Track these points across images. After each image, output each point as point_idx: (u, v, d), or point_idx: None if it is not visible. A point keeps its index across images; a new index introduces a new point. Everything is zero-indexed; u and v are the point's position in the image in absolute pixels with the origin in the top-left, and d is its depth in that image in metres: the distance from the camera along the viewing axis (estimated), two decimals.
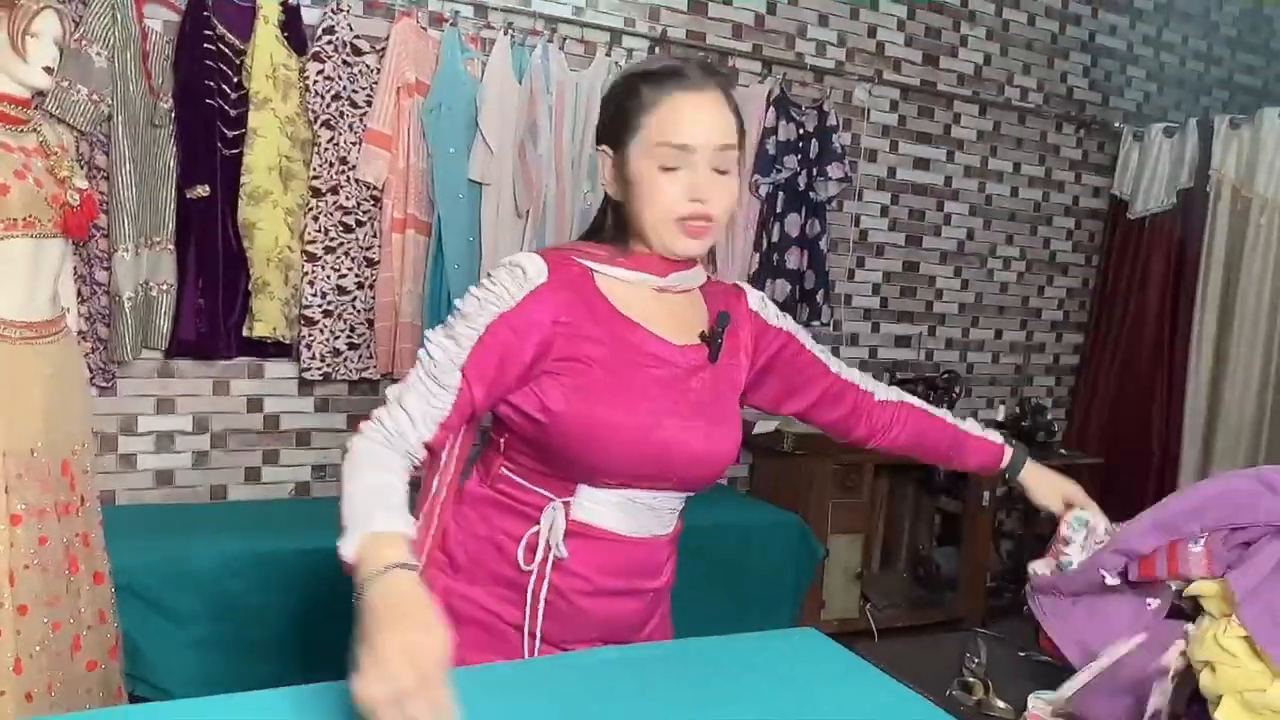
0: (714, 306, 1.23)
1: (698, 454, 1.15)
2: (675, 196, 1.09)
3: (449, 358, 1.06)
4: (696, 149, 1.09)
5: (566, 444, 1.09)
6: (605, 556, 1.14)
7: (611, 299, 1.13)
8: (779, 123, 3.52)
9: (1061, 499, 1.41)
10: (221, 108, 2.72)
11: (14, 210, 1.94)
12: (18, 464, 1.97)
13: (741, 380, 1.25)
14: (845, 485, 3.45)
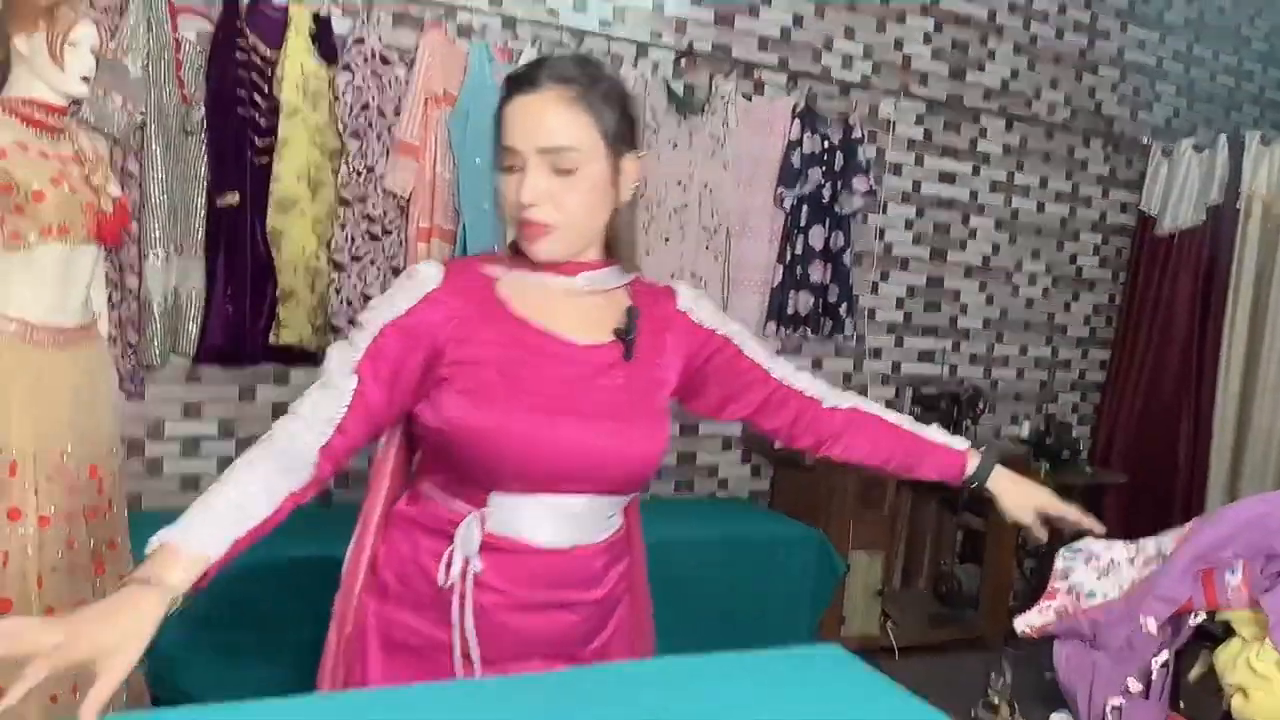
0: (641, 307, 1.19)
1: (606, 455, 1.10)
2: (510, 199, 1.09)
3: (345, 363, 1.05)
4: (519, 150, 1.07)
5: (465, 450, 1.07)
6: (525, 569, 1.10)
7: (511, 303, 1.12)
8: (804, 135, 3.51)
9: (1033, 510, 1.33)
10: (252, 116, 2.75)
11: (49, 216, 1.97)
12: (47, 467, 1.99)
13: (667, 379, 1.21)
14: (867, 500, 3.43)
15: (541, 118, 1.07)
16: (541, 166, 1.07)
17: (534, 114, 1.07)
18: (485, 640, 1.10)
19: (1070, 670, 1.38)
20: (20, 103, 2.00)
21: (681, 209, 3.40)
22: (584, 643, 1.17)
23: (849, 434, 1.33)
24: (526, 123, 1.07)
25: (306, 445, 1.02)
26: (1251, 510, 1.34)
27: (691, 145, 3.38)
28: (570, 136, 1.07)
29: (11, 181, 1.92)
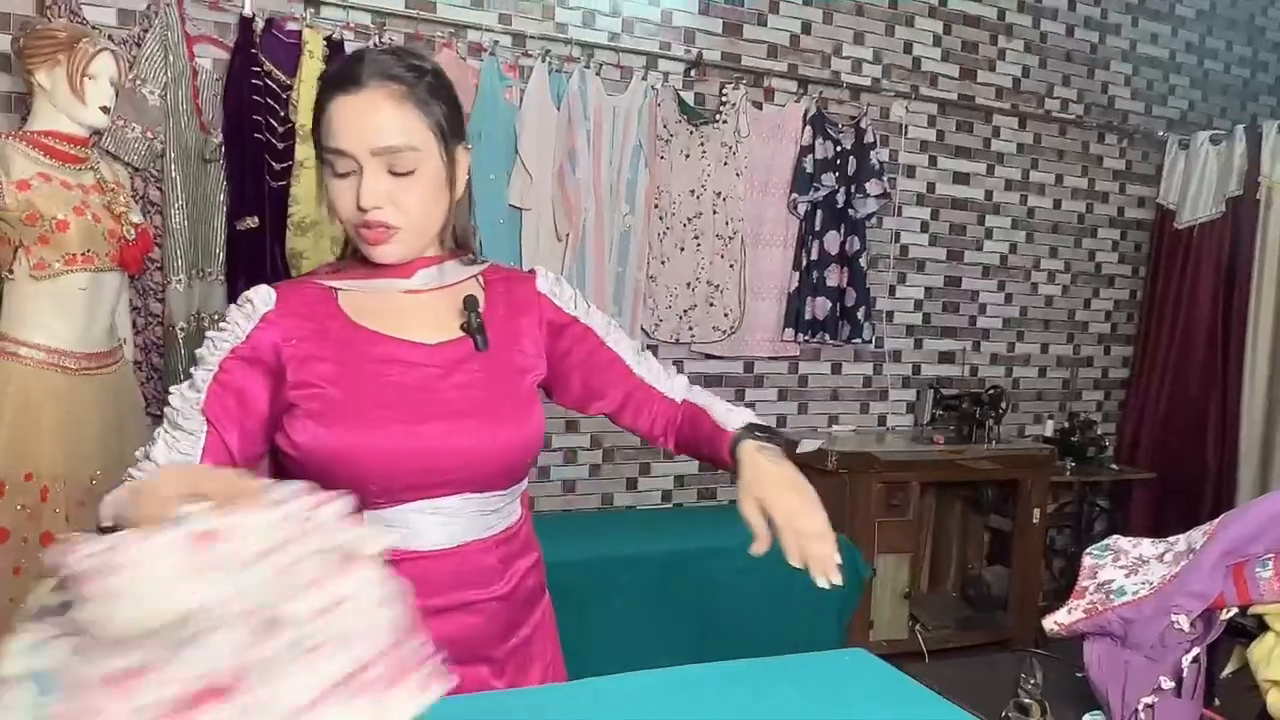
0: (496, 294, 1.15)
1: (474, 452, 1.06)
2: (347, 204, 1.04)
3: (188, 403, 1.01)
4: (351, 153, 1.01)
5: (322, 475, 0.99)
6: (414, 576, 1.01)
7: (352, 314, 1.07)
8: (816, 141, 3.51)
9: (754, 500, 1.08)
10: (269, 141, 2.78)
11: (73, 245, 2.01)
12: (78, 491, 2.02)
13: (531, 365, 1.15)
14: (891, 504, 3.41)
15: (372, 118, 1.01)
16: (378, 168, 1.02)
17: (362, 114, 1.01)
18: None
19: (1101, 669, 1.36)
20: (42, 135, 2.04)
21: (696, 218, 3.40)
22: (497, 642, 1.13)
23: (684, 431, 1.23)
24: (355, 123, 1.01)
25: None
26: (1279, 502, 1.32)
27: (704, 154, 3.39)
28: (404, 136, 1.03)
29: (36, 212, 1.96)
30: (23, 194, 1.96)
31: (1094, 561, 1.47)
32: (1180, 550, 1.41)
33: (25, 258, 1.99)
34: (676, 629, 2.88)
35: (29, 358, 1.99)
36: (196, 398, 1.01)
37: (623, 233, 3.28)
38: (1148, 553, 1.42)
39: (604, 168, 3.23)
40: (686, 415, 1.23)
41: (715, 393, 1.28)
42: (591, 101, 3.17)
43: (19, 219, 1.95)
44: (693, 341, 3.49)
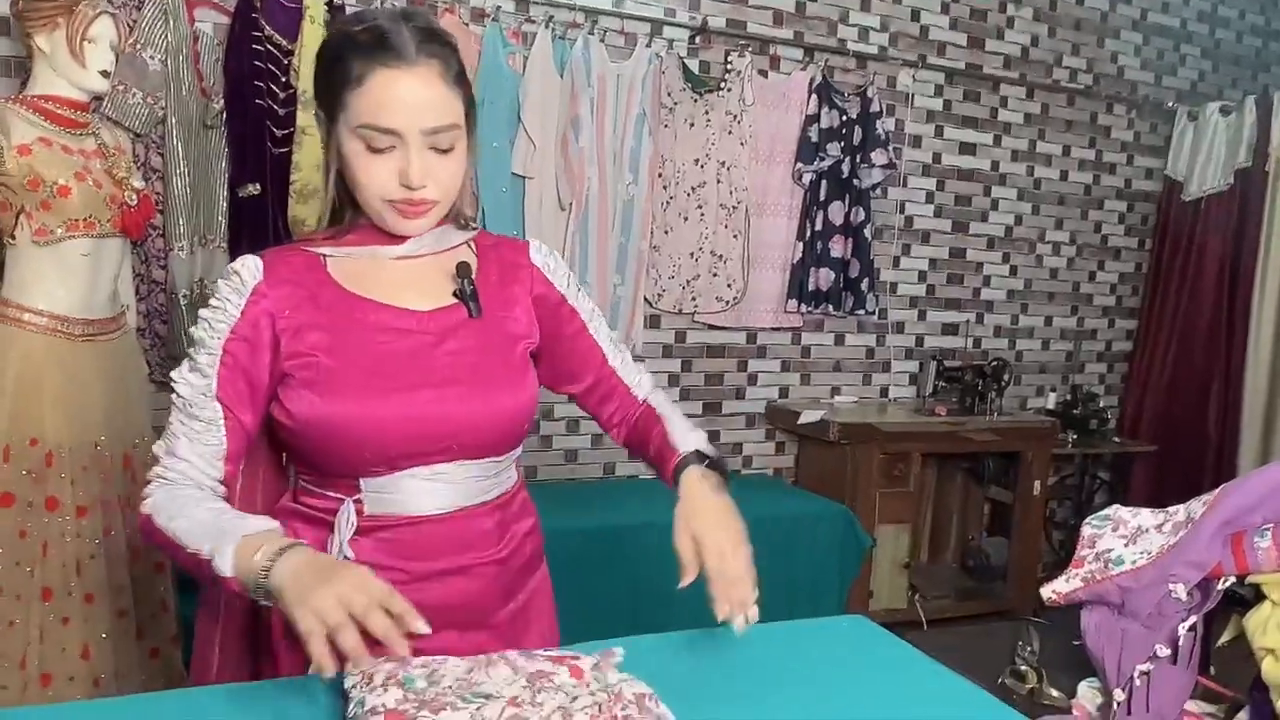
0: (489, 261, 1.14)
1: (468, 420, 1.05)
2: (384, 180, 1.01)
3: (199, 391, 1.01)
4: (404, 133, 0.99)
5: (321, 444, 1.03)
6: (410, 543, 1.06)
7: (343, 281, 1.06)
8: (821, 110, 3.48)
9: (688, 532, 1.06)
10: (271, 107, 2.76)
11: (75, 211, 2.00)
12: (82, 458, 2.03)
13: (521, 331, 1.14)
14: (892, 475, 3.42)
15: (425, 97, 0.99)
16: (422, 146, 1.00)
17: (415, 92, 0.99)
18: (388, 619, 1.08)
19: (1098, 637, 1.37)
20: (42, 99, 2.03)
21: (700, 187, 3.38)
22: (495, 608, 1.13)
23: (634, 436, 1.23)
24: (407, 102, 0.99)
25: (208, 483, 1.02)
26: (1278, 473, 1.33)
27: (708, 123, 3.36)
28: (451, 115, 1.02)
29: (37, 177, 1.95)
30: (24, 158, 1.95)
31: (1093, 531, 1.48)
32: (1179, 520, 1.41)
33: (27, 223, 1.98)
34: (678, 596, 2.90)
35: (32, 323, 1.99)
36: (207, 384, 1.01)
37: (626, 202, 3.27)
38: (1147, 522, 1.43)
39: (607, 136, 3.21)
40: (643, 417, 1.23)
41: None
42: (595, 69, 3.14)
43: (20, 183, 1.95)
44: (696, 312, 3.49)
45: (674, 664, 1.08)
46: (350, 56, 0.99)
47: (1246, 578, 1.29)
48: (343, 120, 1.01)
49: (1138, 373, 4.38)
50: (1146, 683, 1.28)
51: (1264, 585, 1.26)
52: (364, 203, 1.05)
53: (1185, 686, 1.31)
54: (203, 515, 0.95)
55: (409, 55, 0.98)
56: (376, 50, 0.98)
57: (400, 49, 0.98)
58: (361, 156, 1.01)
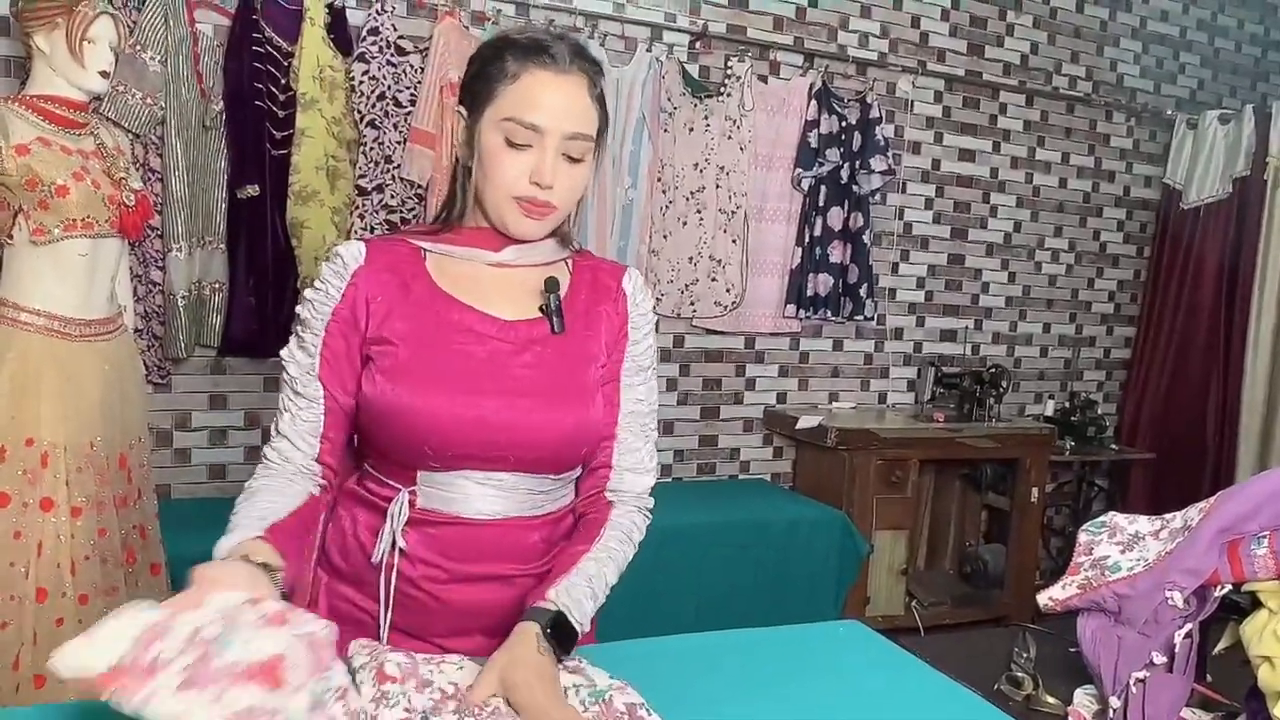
0: (581, 280, 1.16)
1: (529, 431, 1.06)
2: (516, 175, 1.05)
3: (304, 370, 1.07)
4: (546, 131, 1.04)
5: (385, 430, 1.05)
6: (456, 542, 1.08)
7: (438, 278, 1.09)
8: (821, 115, 3.49)
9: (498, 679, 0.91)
10: (270, 109, 2.77)
11: (73, 211, 2.00)
12: (77, 458, 2.03)
13: (598, 354, 1.13)
14: (890, 481, 3.42)
15: (574, 102, 1.05)
16: (558, 149, 1.05)
17: (567, 96, 1.05)
18: (420, 614, 1.09)
19: (1094, 644, 1.37)
20: (41, 99, 2.03)
21: (699, 192, 3.39)
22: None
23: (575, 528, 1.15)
24: (559, 104, 1.04)
25: (302, 461, 1.07)
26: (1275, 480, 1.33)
27: (708, 128, 3.37)
28: (590, 126, 1.07)
29: (35, 177, 1.95)
30: (22, 158, 1.95)
31: (1089, 538, 1.48)
32: (1176, 527, 1.41)
33: (25, 223, 1.98)
34: (676, 601, 2.90)
35: (29, 323, 1.99)
36: (311, 363, 1.06)
37: (625, 206, 3.27)
38: (1144, 529, 1.42)
39: (607, 140, 3.21)
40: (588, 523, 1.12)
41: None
42: None
43: (18, 183, 1.94)
44: (694, 316, 3.49)
45: (670, 669, 1.08)
46: (509, 56, 1.05)
47: (1243, 585, 1.29)
48: (489, 112, 1.05)
49: (1136, 380, 4.38)
50: (1142, 690, 1.27)
51: (1260, 593, 1.25)
52: (489, 197, 1.08)
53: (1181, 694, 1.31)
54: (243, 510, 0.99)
55: (563, 63, 1.05)
56: (535, 52, 1.05)
57: (556, 56, 1.05)
58: (500, 150, 1.05)
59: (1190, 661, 1.31)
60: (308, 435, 1.06)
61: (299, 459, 1.06)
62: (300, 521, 1.00)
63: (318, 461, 1.07)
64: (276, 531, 0.95)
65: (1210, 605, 1.30)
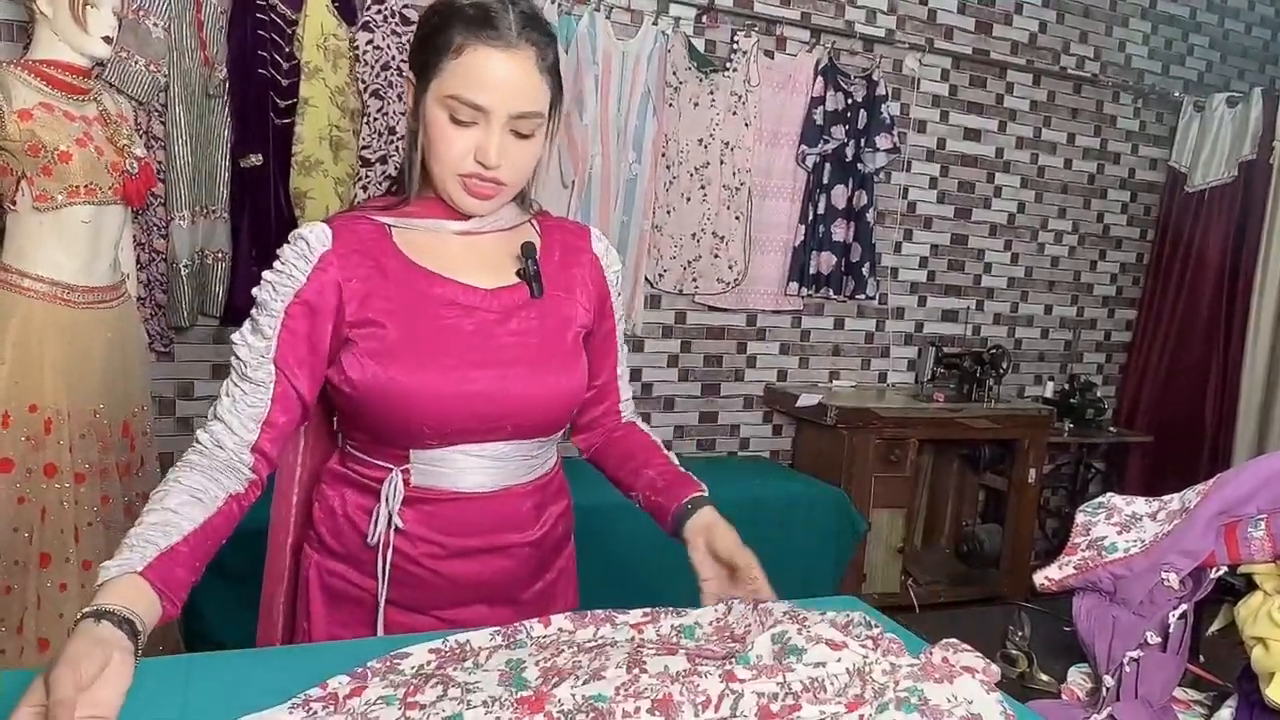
0: (551, 242, 1.15)
1: (522, 401, 1.07)
2: (461, 152, 1.01)
3: (257, 354, 1.01)
4: (491, 111, 0.99)
5: (377, 412, 1.03)
6: (453, 517, 1.08)
7: (408, 252, 1.06)
8: (827, 92, 3.46)
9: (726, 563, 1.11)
10: (274, 78, 2.74)
11: (75, 177, 1.99)
12: (80, 424, 2.03)
13: (577, 315, 1.14)
14: (889, 460, 3.42)
15: (520, 82, 1.00)
16: (505, 127, 1.01)
17: (513, 75, 0.99)
18: (420, 589, 1.10)
19: (1089, 623, 1.38)
20: (44, 64, 2.01)
21: (703, 168, 3.37)
22: (525, 586, 1.15)
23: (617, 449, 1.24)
24: (503, 83, 0.99)
25: (235, 446, 0.99)
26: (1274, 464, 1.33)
27: (713, 103, 3.34)
28: (539, 103, 1.02)
29: (38, 143, 1.94)
30: (25, 124, 1.94)
31: (1087, 519, 1.48)
32: (1174, 509, 1.42)
33: (28, 189, 1.97)
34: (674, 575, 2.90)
35: (32, 289, 1.99)
36: (267, 346, 1.01)
37: (629, 180, 3.25)
38: (1141, 510, 1.43)
39: (611, 114, 3.19)
40: (632, 438, 1.24)
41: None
42: (600, 45, 3.12)
43: (21, 149, 1.93)
44: (696, 293, 3.48)
45: None
46: (454, 26, 0.99)
47: (1239, 567, 1.30)
48: (434, 86, 1.01)
49: (1135, 363, 4.38)
50: (1136, 669, 1.29)
51: (1256, 575, 1.26)
52: (435, 173, 1.05)
53: (1174, 673, 1.32)
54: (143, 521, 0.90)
55: (510, 37, 0.99)
56: (480, 26, 0.99)
57: (503, 29, 0.98)
58: (444, 126, 1.01)
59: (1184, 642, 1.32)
60: (248, 421, 1.00)
61: (232, 444, 0.99)
62: (204, 536, 0.92)
63: (252, 450, 1.00)
64: (164, 562, 0.85)
65: (1205, 587, 1.31)
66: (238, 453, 0.99)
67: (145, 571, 0.84)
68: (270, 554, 1.20)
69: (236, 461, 0.99)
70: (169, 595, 0.85)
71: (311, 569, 1.13)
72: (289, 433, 1.05)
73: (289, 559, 1.18)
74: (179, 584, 0.87)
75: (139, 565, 0.84)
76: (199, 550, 0.90)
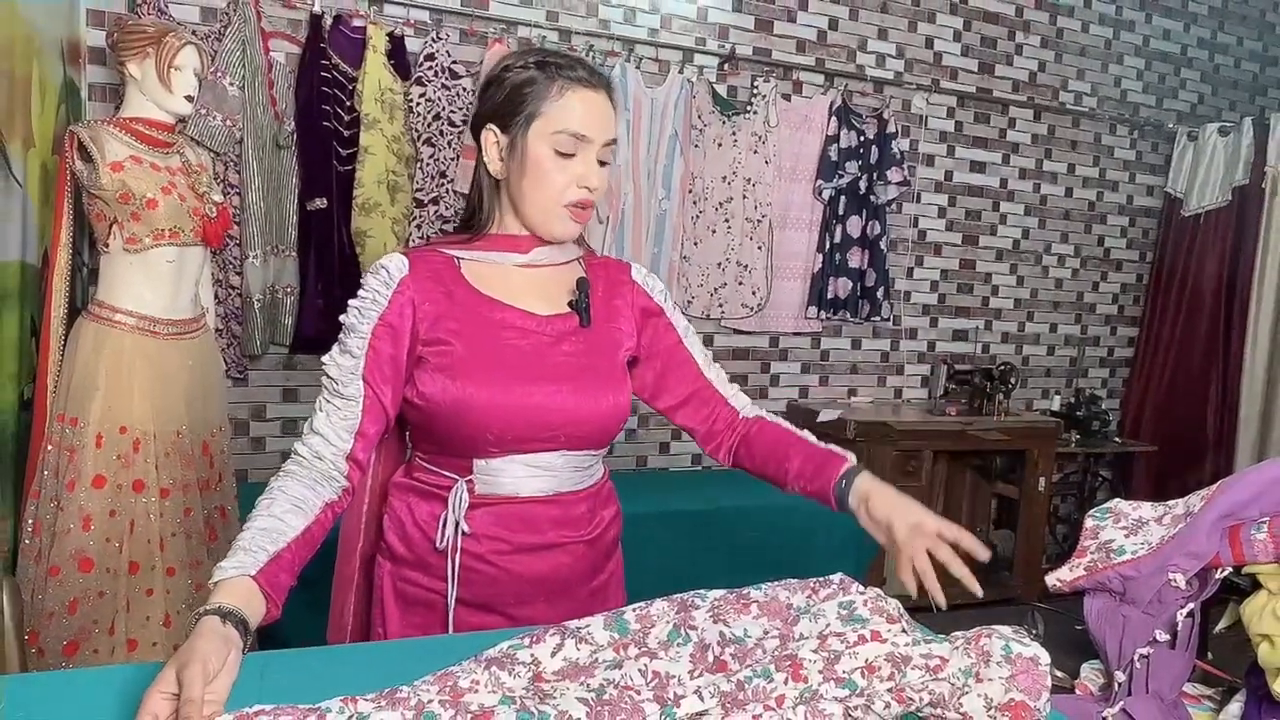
0: (597, 277, 1.19)
1: (572, 415, 1.09)
2: (566, 182, 1.08)
3: (346, 372, 1.04)
4: (593, 140, 1.08)
5: (445, 423, 1.07)
6: (515, 519, 1.11)
7: (474, 282, 1.11)
8: (841, 131, 3.46)
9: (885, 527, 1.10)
10: (336, 129, 2.80)
11: (161, 222, 2.04)
12: (165, 444, 2.07)
13: (623, 340, 1.18)
14: (906, 470, 3.38)
15: (609, 116, 1.10)
16: (596, 157, 1.09)
17: (605, 111, 1.10)
18: (489, 587, 1.11)
19: (1100, 622, 1.35)
20: (133, 121, 2.07)
21: (727, 202, 3.38)
22: (582, 583, 1.17)
23: (757, 445, 1.22)
24: (600, 117, 1.09)
25: (333, 456, 1.02)
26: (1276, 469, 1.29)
27: (735, 143, 3.35)
28: (616, 132, 1.12)
29: (128, 191, 2.00)
30: (116, 174, 1.99)
31: (1095, 523, 1.45)
32: (1179, 514, 1.38)
33: (119, 233, 2.02)
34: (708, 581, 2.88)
35: (122, 323, 2.04)
36: (355, 364, 1.04)
37: (659, 215, 3.27)
38: (1147, 515, 1.40)
39: (642, 155, 3.21)
40: (766, 432, 1.22)
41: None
42: (632, 92, 3.15)
43: (113, 197, 1.99)
44: (722, 318, 3.48)
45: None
46: (541, 76, 1.08)
47: (1243, 568, 1.26)
48: (537, 126, 1.07)
49: (1138, 377, 4.30)
50: (1146, 665, 1.25)
51: (1260, 575, 1.23)
52: (537, 204, 1.09)
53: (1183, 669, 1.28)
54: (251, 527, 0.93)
55: (595, 80, 1.10)
56: (573, 71, 1.09)
57: (595, 76, 1.10)
58: (549, 159, 1.08)
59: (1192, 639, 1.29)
60: (342, 432, 1.03)
61: (330, 454, 1.02)
62: (304, 544, 0.94)
63: (348, 459, 1.03)
64: (272, 567, 0.88)
65: (1211, 587, 1.28)
66: (335, 462, 1.02)
67: (257, 575, 0.86)
68: (340, 561, 1.22)
69: (334, 471, 1.02)
70: (274, 598, 0.87)
71: (385, 577, 1.15)
72: (377, 443, 1.08)
73: (359, 566, 1.20)
74: (282, 588, 0.89)
75: (252, 569, 0.86)
76: (299, 556, 0.93)
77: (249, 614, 0.83)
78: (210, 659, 0.75)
